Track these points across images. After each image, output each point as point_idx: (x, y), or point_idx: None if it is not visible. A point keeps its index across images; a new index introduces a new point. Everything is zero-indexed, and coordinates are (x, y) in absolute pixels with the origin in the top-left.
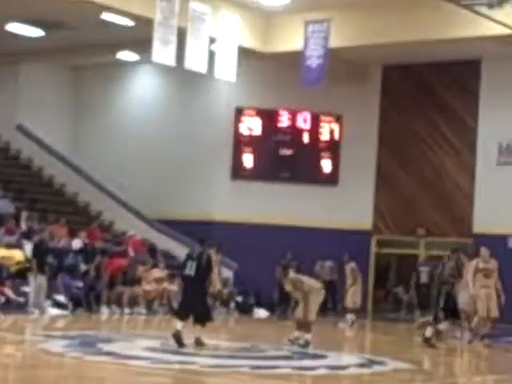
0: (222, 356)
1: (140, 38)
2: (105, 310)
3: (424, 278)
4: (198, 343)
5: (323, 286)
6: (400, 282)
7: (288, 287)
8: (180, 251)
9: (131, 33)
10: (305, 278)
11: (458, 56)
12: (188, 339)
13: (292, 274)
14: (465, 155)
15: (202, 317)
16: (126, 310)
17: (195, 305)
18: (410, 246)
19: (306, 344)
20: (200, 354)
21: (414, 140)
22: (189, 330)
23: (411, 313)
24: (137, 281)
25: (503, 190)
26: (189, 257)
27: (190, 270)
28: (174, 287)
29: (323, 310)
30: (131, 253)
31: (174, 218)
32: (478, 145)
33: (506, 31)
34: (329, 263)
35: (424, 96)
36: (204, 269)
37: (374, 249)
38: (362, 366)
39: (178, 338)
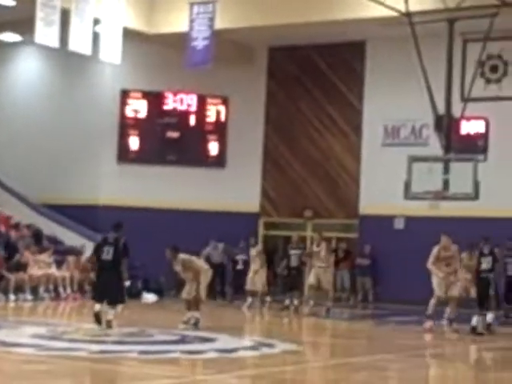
0: (109, 342)
1: (22, 18)
2: None
3: (294, 262)
4: (108, 326)
5: (212, 268)
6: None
7: (178, 268)
8: (66, 236)
9: (13, 13)
10: (194, 258)
11: (344, 38)
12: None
13: (182, 255)
14: (351, 137)
15: (115, 299)
16: (12, 297)
17: (110, 288)
18: (298, 228)
19: (197, 322)
20: (87, 341)
21: (301, 122)
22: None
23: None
24: (22, 266)
25: (388, 171)
26: (105, 242)
27: (108, 254)
28: (62, 273)
29: (211, 292)
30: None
31: (61, 202)
32: (364, 127)
33: (390, 13)
34: (221, 245)
35: (310, 78)
36: (120, 253)
37: (261, 231)
38: (250, 348)
39: (97, 317)
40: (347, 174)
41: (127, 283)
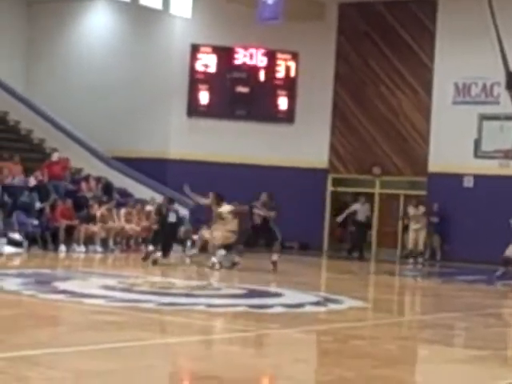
0: (177, 294)
1: None
2: (62, 248)
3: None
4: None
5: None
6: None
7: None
8: (137, 190)
9: None
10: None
11: None
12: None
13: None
14: (421, 94)
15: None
16: (83, 248)
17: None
18: (366, 185)
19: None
20: (156, 293)
21: (371, 79)
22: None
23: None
24: (92, 218)
25: (458, 129)
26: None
27: (172, 217)
28: (131, 225)
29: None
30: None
31: (131, 156)
32: (434, 84)
33: None
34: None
35: (380, 35)
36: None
37: (329, 187)
38: (317, 304)
39: (154, 261)
40: (416, 131)
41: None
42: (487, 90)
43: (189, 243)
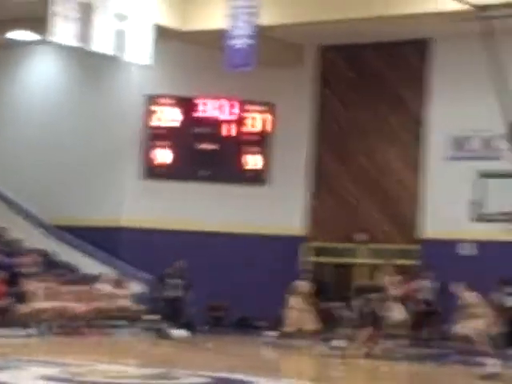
0: None
1: (38, 14)
2: None
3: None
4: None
5: None
6: (338, 296)
7: None
8: (83, 263)
9: (27, 8)
10: None
11: (405, 36)
12: None
13: None
14: (412, 149)
15: None
16: (19, 331)
17: None
18: (349, 254)
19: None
20: (105, 383)
21: (355, 132)
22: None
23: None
24: (29, 297)
25: (454, 189)
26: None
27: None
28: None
29: None
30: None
31: (77, 224)
32: (426, 137)
33: (460, 7)
34: None
35: (367, 82)
36: None
37: (307, 258)
38: None
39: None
40: (407, 191)
41: (153, 317)
42: (487, 144)
43: (143, 324)
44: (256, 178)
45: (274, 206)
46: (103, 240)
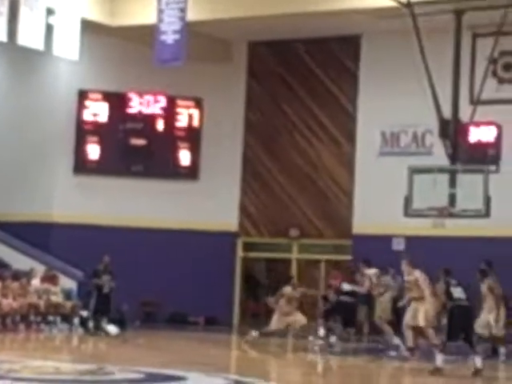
0: (62, 381)
1: None
2: None
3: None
4: None
5: None
6: (272, 291)
7: None
8: (14, 259)
9: None
10: None
11: (335, 31)
12: None
13: None
14: (343, 145)
15: None
16: None
17: None
18: (282, 250)
19: None
20: (37, 380)
21: (286, 128)
22: None
23: None
24: None
25: (386, 184)
26: None
27: None
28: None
29: None
30: None
31: (7, 219)
32: (358, 133)
33: (388, 3)
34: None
35: (297, 77)
36: None
37: (240, 253)
38: None
39: None
40: (339, 187)
41: (85, 313)
42: (418, 140)
43: (76, 320)
44: (188, 173)
45: (207, 201)
46: (34, 235)
